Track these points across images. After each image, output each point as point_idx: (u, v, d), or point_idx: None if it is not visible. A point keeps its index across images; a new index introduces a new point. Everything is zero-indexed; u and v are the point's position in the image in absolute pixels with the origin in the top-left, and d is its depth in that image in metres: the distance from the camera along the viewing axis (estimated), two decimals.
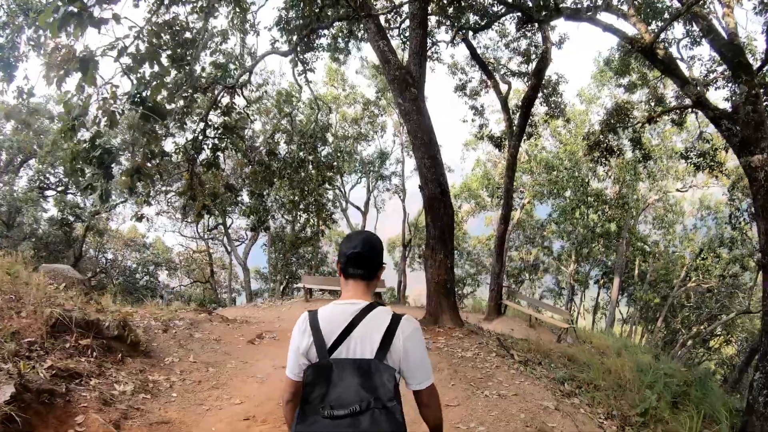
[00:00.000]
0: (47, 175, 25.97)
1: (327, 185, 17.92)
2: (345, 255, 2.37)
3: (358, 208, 30.35)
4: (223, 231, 28.25)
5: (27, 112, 21.28)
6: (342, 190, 30.66)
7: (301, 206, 16.65)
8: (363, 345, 2.18)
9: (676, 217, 33.12)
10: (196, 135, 13.21)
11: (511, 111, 19.21)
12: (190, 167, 13.39)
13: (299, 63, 15.26)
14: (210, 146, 13.84)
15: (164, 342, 9.16)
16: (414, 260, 32.77)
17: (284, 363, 2.42)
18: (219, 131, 13.42)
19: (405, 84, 11.02)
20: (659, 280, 30.77)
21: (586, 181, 29.48)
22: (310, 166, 16.07)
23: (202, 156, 13.80)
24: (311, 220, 20.84)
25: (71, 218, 26.04)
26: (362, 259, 2.34)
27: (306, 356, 2.24)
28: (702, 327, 28.70)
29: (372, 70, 25.77)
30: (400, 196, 30.64)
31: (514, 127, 18.20)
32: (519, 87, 24.73)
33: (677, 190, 31.06)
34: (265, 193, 15.38)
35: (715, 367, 28.22)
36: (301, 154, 15.38)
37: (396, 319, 2.25)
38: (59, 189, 26.47)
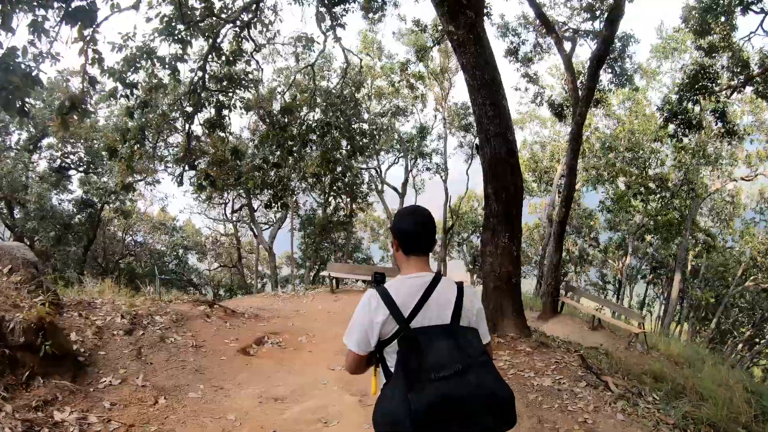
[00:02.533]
0: (68, 154, 23.74)
1: (359, 156, 14.92)
2: (405, 232, 2.35)
3: (395, 189, 27.14)
4: (249, 212, 25.47)
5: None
6: (378, 170, 27.55)
7: (328, 182, 13.64)
8: (440, 312, 2.20)
9: (736, 209, 29.22)
10: (193, 86, 10.38)
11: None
12: (186, 127, 10.67)
13: (326, 16, 12.23)
14: (214, 102, 11.04)
15: (117, 350, 6.69)
16: (453, 248, 29.60)
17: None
18: (223, 83, 10.65)
19: (458, 5, 7.77)
20: (716, 277, 27.79)
21: (648, 164, 25.74)
22: (337, 133, 13.05)
23: (206, 115, 11.14)
24: (342, 201, 18.11)
25: (95, 199, 24.59)
26: (423, 235, 2.33)
27: (381, 330, 2.21)
28: (754, 329, 26.38)
29: (411, 36, 22.36)
30: (441, 176, 27.41)
31: (580, 91, 14.82)
32: (579, 53, 21.32)
33: (742, 178, 27.08)
34: (283, 164, 12.50)
35: (762, 372, 25.03)
36: (326, 116, 12.42)
37: (461, 286, 2.30)
38: (80, 168, 24.35)
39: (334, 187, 12.58)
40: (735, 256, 28.46)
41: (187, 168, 11.34)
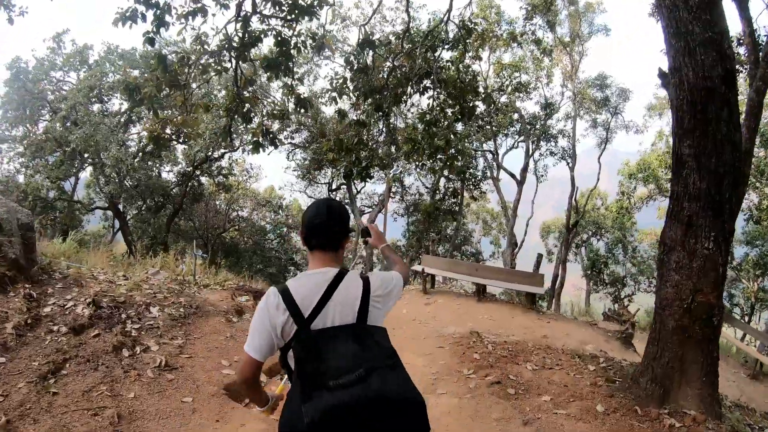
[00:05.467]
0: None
1: (467, 120, 11.35)
2: (308, 225, 2.18)
3: (513, 175, 22.98)
4: (347, 192, 22.68)
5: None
6: (495, 153, 23.56)
7: (428, 152, 10.20)
8: (344, 311, 2.02)
9: None
10: (239, 8, 7.40)
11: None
12: (233, 65, 7.76)
13: None
14: (273, 35, 8.02)
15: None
16: (570, 250, 25.12)
17: None
18: (282, 7, 7.64)
19: None
20: None
21: None
22: (438, 90, 9.55)
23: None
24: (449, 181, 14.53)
25: (197, 172, 23.52)
26: (326, 229, 2.15)
27: (281, 333, 2.01)
28: None
29: None
30: (568, 163, 22.97)
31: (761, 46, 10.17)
32: None
33: None
34: (368, 122, 9.30)
35: None
36: (421, 61, 8.96)
37: (366, 280, 2.13)
38: (180, 140, 22.99)
39: (425, 150, 8.98)
40: None
41: (240, 121, 8.49)
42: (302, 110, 8.43)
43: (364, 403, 1.76)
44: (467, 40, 9.46)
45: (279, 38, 8.31)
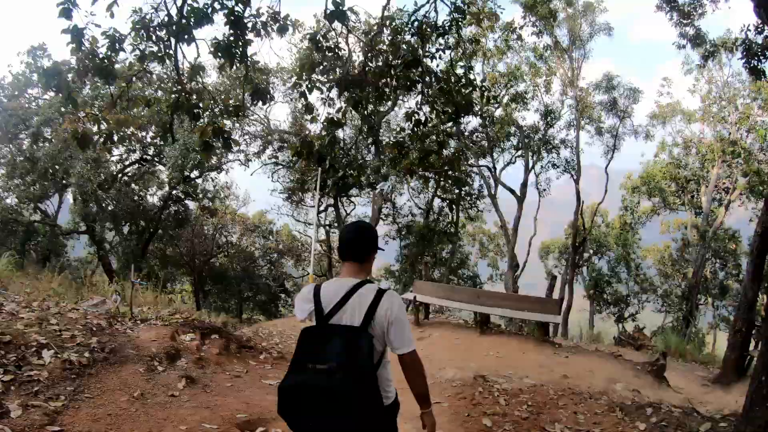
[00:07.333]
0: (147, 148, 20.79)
1: (463, 116, 9.66)
2: (339, 241, 2.71)
3: (512, 191, 21.00)
4: (335, 212, 20.89)
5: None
6: (492, 168, 21.74)
7: (415, 156, 8.49)
8: (353, 314, 2.40)
9: None
10: None
11: None
12: (175, 46, 6.04)
13: None
14: (224, 12, 6.39)
15: None
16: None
17: None
18: None
19: None
20: None
21: None
22: (429, 80, 7.88)
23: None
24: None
25: (182, 195, 22.24)
26: (351, 244, 2.60)
27: (308, 318, 2.53)
28: None
29: None
30: (572, 176, 21.13)
31: None
32: None
33: None
34: (343, 121, 7.56)
35: None
36: (406, 48, 7.29)
37: (380, 293, 2.44)
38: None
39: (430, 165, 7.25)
40: None
41: (186, 117, 6.78)
42: (260, 103, 6.69)
43: (316, 388, 2.23)
44: (460, 23, 7.73)
45: (231, 17, 6.65)
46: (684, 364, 10.65)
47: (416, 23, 7.76)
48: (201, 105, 6.76)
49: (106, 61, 6.43)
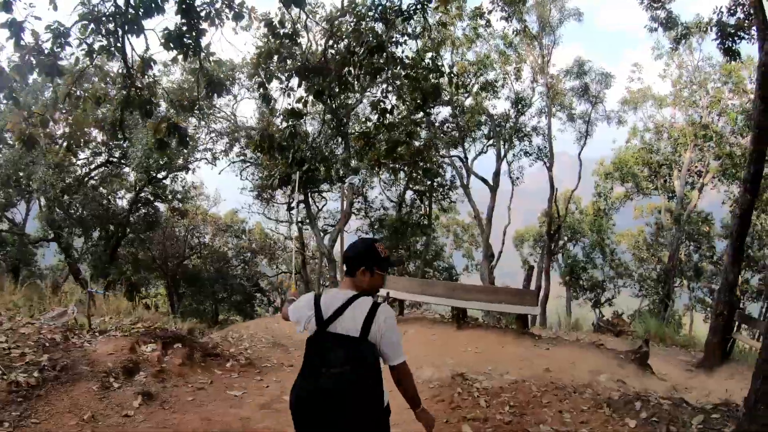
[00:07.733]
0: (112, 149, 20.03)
1: (431, 102, 9.30)
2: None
3: (484, 181, 20.87)
4: (306, 211, 20.34)
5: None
6: (463, 159, 21.52)
7: (383, 146, 8.11)
8: (349, 324, 2.52)
9: None
10: None
11: None
12: (122, 35, 5.55)
13: None
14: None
15: None
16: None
17: None
18: None
19: None
20: None
21: None
22: (393, 68, 7.53)
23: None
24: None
25: (151, 197, 21.81)
26: (344, 260, 2.79)
27: (307, 325, 2.66)
28: None
29: None
30: (545, 163, 21.06)
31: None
32: None
33: None
34: (304, 111, 7.12)
35: None
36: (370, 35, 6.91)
37: (375, 307, 2.56)
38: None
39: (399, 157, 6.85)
40: None
41: (138, 113, 6.30)
42: (215, 95, 6.25)
43: (327, 391, 2.37)
44: (426, 6, 7.38)
45: (182, 5, 6.20)
46: (665, 349, 10.54)
47: (380, 8, 7.40)
48: (153, 100, 6.32)
49: (51, 57, 5.95)
